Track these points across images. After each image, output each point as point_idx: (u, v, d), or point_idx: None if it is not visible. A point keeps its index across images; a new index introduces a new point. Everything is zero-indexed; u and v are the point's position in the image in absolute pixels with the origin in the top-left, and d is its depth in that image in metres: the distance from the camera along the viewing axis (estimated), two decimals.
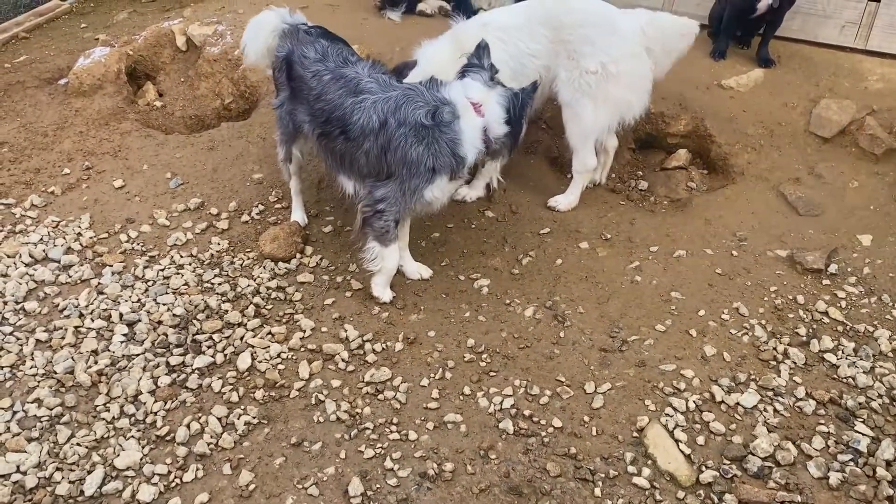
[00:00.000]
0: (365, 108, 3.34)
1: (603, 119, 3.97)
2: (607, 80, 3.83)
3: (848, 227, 4.04)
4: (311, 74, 3.52)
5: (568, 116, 4.02)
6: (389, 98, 3.32)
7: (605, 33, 3.82)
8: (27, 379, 3.21)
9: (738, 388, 3.19)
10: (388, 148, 3.33)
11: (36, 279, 3.74)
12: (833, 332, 3.48)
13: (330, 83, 3.46)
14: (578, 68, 3.86)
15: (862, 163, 4.39)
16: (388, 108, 3.30)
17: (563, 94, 3.96)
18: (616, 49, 3.82)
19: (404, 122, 3.28)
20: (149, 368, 3.26)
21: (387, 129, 3.30)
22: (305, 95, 3.56)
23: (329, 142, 3.53)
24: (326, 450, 2.93)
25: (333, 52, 3.56)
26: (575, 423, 3.03)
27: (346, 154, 3.49)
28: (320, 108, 3.48)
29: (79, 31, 6.19)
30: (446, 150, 3.30)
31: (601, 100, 3.89)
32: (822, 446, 2.93)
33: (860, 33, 5.12)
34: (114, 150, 4.69)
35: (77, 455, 2.90)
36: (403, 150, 3.30)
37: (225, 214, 4.18)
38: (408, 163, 3.31)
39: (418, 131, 3.27)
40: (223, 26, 5.58)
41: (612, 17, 3.89)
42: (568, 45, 3.86)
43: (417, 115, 3.27)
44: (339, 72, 3.47)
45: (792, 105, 4.65)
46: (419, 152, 3.29)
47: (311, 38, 3.65)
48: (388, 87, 3.39)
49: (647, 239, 4.04)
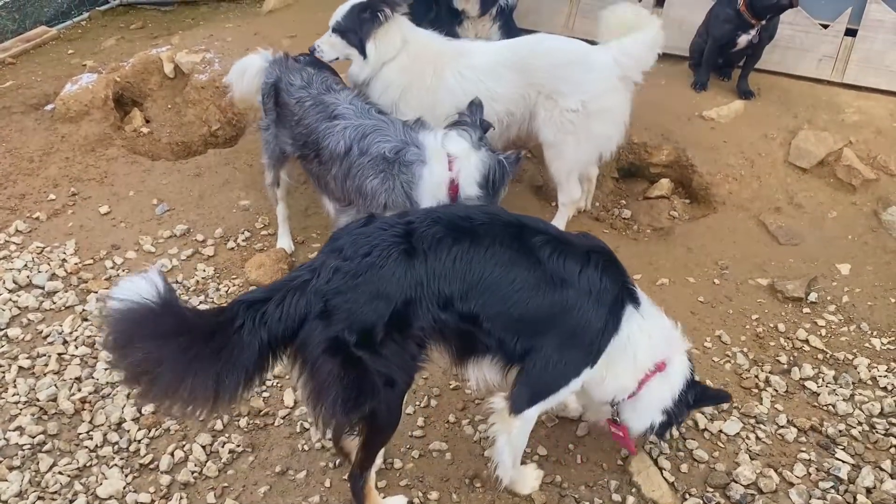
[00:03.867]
0: (335, 132, 3.38)
1: (585, 154, 3.99)
2: (588, 117, 3.83)
3: (827, 257, 4.11)
4: (294, 101, 3.59)
5: (551, 155, 4.02)
6: (360, 126, 3.35)
7: (582, 71, 3.82)
8: (9, 406, 3.19)
9: (720, 415, 3.21)
10: (349, 175, 3.36)
11: (20, 305, 3.72)
12: (813, 359, 3.53)
13: (310, 108, 3.52)
14: (558, 107, 3.84)
15: (840, 193, 4.48)
16: (356, 136, 3.33)
17: (544, 134, 3.95)
18: (594, 85, 3.82)
19: (366, 152, 3.30)
20: (132, 396, 3.24)
21: (350, 156, 3.33)
22: (288, 120, 3.62)
23: (307, 164, 3.62)
24: (311, 478, 2.92)
25: (318, 80, 3.62)
26: (560, 451, 3.04)
27: (321, 176, 3.55)
28: (300, 132, 3.55)
29: (66, 57, 6.21)
30: (400, 189, 3.29)
31: (583, 136, 3.89)
32: (803, 473, 2.96)
33: (837, 67, 5.25)
34: (100, 177, 4.70)
35: (59, 484, 2.88)
36: (360, 180, 3.33)
37: (211, 241, 4.19)
38: (363, 193, 3.34)
39: (377, 164, 3.28)
40: (211, 54, 5.62)
41: (586, 55, 3.87)
42: (543, 87, 3.84)
43: (381, 148, 3.28)
44: (320, 98, 3.53)
45: (771, 136, 4.74)
46: (374, 185, 3.31)
47: (299, 66, 3.72)
48: (363, 115, 3.41)
49: (631, 267, 4.01)
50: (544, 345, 2.44)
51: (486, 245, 2.37)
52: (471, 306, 2.36)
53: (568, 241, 2.50)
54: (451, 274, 2.32)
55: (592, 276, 2.44)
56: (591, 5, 5.83)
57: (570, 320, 2.43)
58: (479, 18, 5.07)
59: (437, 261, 2.31)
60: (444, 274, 2.32)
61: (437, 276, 2.31)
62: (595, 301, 2.44)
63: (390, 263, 2.27)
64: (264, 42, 5.72)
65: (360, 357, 2.25)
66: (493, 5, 5.03)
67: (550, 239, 2.45)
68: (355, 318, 2.23)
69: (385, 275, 2.26)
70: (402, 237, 2.32)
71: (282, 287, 2.28)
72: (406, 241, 2.31)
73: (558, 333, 2.43)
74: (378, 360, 2.28)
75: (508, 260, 2.37)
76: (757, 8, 4.80)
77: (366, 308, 2.24)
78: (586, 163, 4.08)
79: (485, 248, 2.36)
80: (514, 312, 2.39)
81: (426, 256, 2.30)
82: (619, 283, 2.52)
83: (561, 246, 2.44)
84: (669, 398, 2.70)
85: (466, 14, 5.04)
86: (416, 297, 2.29)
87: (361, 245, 2.30)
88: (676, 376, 2.71)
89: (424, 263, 2.30)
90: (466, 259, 2.34)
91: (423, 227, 2.35)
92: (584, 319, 2.43)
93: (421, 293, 2.30)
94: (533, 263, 2.39)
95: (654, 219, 4.58)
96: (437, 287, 2.31)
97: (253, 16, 6.68)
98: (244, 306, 2.22)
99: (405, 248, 2.30)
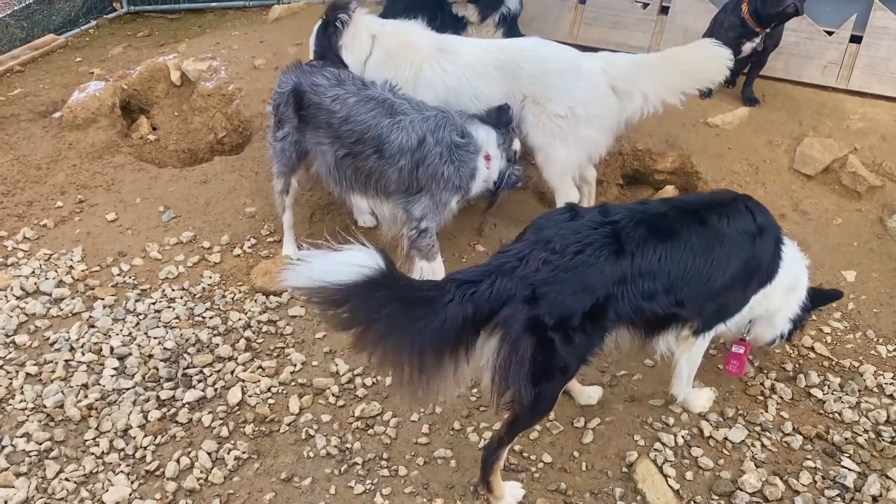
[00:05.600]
0: (404, 126, 3.57)
1: (574, 157, 4.03)
2: (577, 122, 3.88)
3: (833, 263, 4.11)
4: (330, 99, 3.66)
5: (542, 159, 4.07)
6: (427, 118, 3.61)
7: (571, 80, 3.86)
8: (16, 413, 3.21)
9: (725, 422, 3.21)
10: (422, 163, 3.59)
11: (27, 312, 3.74)
12: (819, 367, 3.52)
13: (358, 106, 3.62)
14: (545, 113, 3.89)
15: (845, 200, 4.47)
16: (428, 127, 3.58)
17: (533, 138, 4.00)
18: (583, 93, 3.86)
19: (441, 141, 3.58)
20: (139, 402, 3.26)
21: (424, 146, 3.57)
22: (325, 120, 3.68)
23: (356, 161, 3.68)
24: (316, 485, 2.92)
25: (348, 77, 3.73)
26: (565, 459, 3.04)
27: (375, 171, 3.67)
28: (349, 129, 3.63)
29: (74, 64, 6.25)
30: (466, 175, 3.70)
31: (571, 141, 3.94)
32: (809, 481, 2.95)
33: (842, 73, 5.24)
34: (107, 184, 4.73)
35: (65, 490, 2.89)
36: (435, 167, 3.59)
37: (217, 248, 4.21)
38: (437, 179, 3.62)
39: (451, 151, 3.61)
40: (217, 62, 5.66)
41: (576, 62, 3.92)
42: (531, 91, 3.89)
43: (454, 138, 3.61)
44: (365, 94, 3.65)
45: (776, 143, 4.74)
46: (449, 171, 3.62)
47: (316, 69, 3.78)
48: (421, 107, 3.66)
49: None
50: (734, 293, 2.86)
51: (685, 240, 2.66)
52: (676, 296, 2.67)
53: (721, 201, 2.86)
54: (656, 270, 2.60)
55: (758, 222, 2.84)
56: (595, 14, 5.85)
57: (753, 264, 2.85)
58: (483, 25, 5.09)
59: (644, 259, 2.57)
60: (650, 271, 2.59)
61: (642, 275, 2.57)
62: (764, 240, 2.86)
63: (601, 262, 2.50)
64: (270, 50, 5.76)
65: (553, 340, 2.46)
66: (494, 11, 5.05)
67: (717, 209, 2.78)
68: (558, 306, 2.44)
69: (594, 272, 2.50)
70: (612, 238, 2.56)
71: (494, 271, 2.48)
72: (616, 241, 2.55)
73: (742, 278, 2.84)
74: (566, 347, 2.49)
75: (705, 247, 2.69)
76: (762, 16, 4.80)
77: (570, 299, 2.46)
78: (576, 165, 4.12)
79: (683, 244, 2.66)
80: (713, 286, 2.74)
81: (633, 256, 2.55)
82: (771, 219, 2.94)
83: (726, 210, 2.79)
84: (798, 307, 3.17)
85: (467, 20, 5.08)
86: (619, 293, 2.54)
87: (572, 241, 2.51)
88: (802, 288, 3.17)
89: (631, 263, 2.55)
90: (671, 257, 2.62)
91: (630, 228, 2.60)
92: (760, 259, 2.87)
93: (624, 289, 2.55)
94: (720, 239, 2.73)
95: None
96: (641, 284, 2.58)
97: (259, 24, 6.72)
98: (455, 284, 2.45)
99: (615, 249, 2.54)
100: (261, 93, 5.20)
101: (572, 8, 5.95)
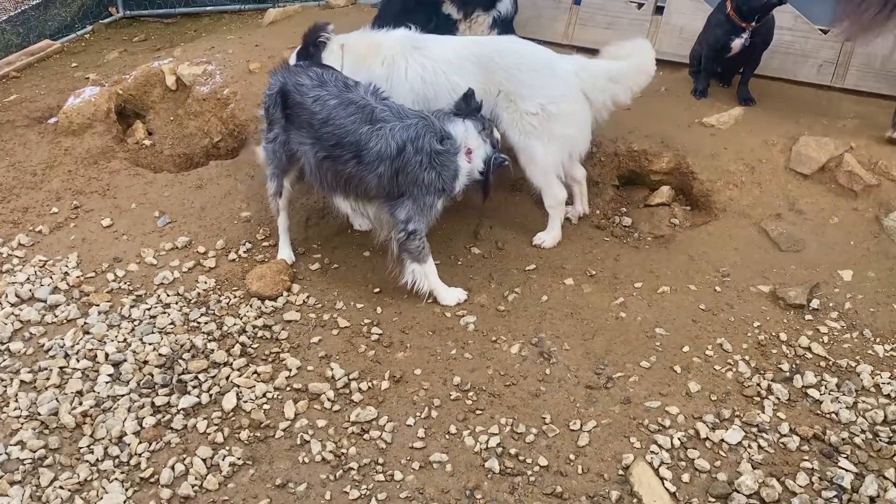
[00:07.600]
0: (383, 135, 3.55)
1: (553, 155, 4.06)
2: (549, 119, 3.93)
3: (829, 263, 4.10)
4: (311, 100, 3.64)
5: (523, 160, 4.11)
6: (407, 126, 3.58)
7: (544, 77, 3.93)
8: (10, 421, 3.20)
9: (722, 424, 3.20)
10: (402, 171, 3.58)
11: (21, 319, 3.73)
12: (816, 367, 3.51)
13: (338, 108, 3.61)
14: (518, 110, 3.95)
15: (841, 199, 4.46)
16: (407, 136, 3.56)
17: (511, 138, 4.04)
18: (554, 90, 3.93)
19: (420, 150, 3.56)
20: (134, 409, 3.26)
21: (403, 155, 3.55)
22: (306, 120, 3.67)
23: (336, 164, 3.66)
24: (311, 491, 2.92)
25: (330, 78, 3.70)
26: (561, 462, 3.03)
27: (354, 176, 3.65)
28: (329, 131, 3.61)
29: (69, 70, 6.25)
30: (449, 176, 3.68)
31: (547, 138, 3.99)
32: (806, 483, 2.94)
33: (837, 72, 5.24)
34: (102, 189, 4.72)
35: (60, 498, 2.88)
36: (416, 174, 3.58)
37: (212, 253, 4.20)
38: (418, 184, 3.61)
39: (431, 158, 3.59)
40: (213, 66, 5.66)
41: (550, 61, 4.00)
42: (504, 86, 3.95)
43: (433, 145, 3.59)
44: (346, 97, 3.63)
45: (772, 142, 4.73)
46: (430, 176, 3.61)
47: (302, 69, 3.78)
48: (401, 114, 3.64)
49: (632, 275, 4.07)
50: None
51: None
52: None
53: None
54: None
55: None
56: (590, 15, 5.85)
57: None
58: (476, 25, 5.11)
59: None
60: None
61: None
62: None
63: None
64: (265, 54, 5.75)
65: None
66: (475, 8, 5.08)
67: None
68: None
69: None
70: None
71: None
72: None
73: None
74: None
75: None
76: (743, 10, 4.82)
77: None
78: (558, 163, 4.13)
79: None
80: None
81: None
82: None
83: None
84: None
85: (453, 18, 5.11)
86: None
87: None
88: None
89: None
90: None
91: None
92: None
93: None
94: None
95: (654, 226, 4.56)
96: None
97: (254, 28, 6.72)
98: None
99: None
100: (256, 97, 5.19)
101: (567, 9, 5.95)
